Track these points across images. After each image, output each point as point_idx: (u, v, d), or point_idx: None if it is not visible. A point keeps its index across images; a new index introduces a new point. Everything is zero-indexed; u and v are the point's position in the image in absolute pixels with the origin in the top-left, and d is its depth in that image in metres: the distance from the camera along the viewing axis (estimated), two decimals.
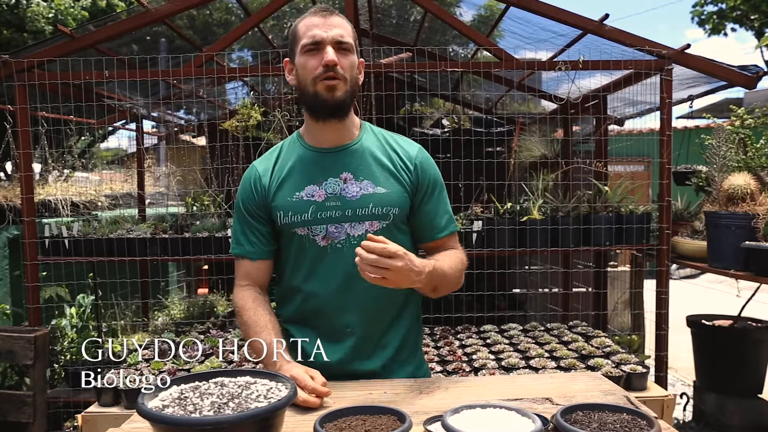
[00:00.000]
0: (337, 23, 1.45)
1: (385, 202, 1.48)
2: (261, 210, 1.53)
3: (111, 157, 8.02)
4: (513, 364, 2.63)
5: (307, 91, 1.45)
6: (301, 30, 1.46)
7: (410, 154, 1.55)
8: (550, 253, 3.13)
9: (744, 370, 3.29)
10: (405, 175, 1.52)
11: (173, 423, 0.96)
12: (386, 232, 1.48)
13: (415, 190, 1.53)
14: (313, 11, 1.47)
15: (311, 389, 1.29)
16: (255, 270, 1.55)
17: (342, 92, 1.44)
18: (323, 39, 1.42)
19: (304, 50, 1.44)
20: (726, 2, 12.92)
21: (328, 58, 1.40)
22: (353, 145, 1.53)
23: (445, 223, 1.57)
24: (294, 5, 5.11)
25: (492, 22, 3.85)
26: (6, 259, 3.61)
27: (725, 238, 2.77)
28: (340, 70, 1.42)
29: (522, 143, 3.68)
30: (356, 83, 1.49)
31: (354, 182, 1.48)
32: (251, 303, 1.52)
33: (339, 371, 1.48)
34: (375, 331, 1.52)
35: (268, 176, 1.53)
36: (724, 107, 7.52)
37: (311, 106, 1.47)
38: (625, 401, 1.28)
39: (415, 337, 1.61)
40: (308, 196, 1.48)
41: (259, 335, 1.46)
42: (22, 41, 6.30)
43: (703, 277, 8.91)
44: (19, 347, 1.84)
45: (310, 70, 1.43)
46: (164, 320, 3.87)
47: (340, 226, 1.47)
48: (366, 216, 1.47)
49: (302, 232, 1.48)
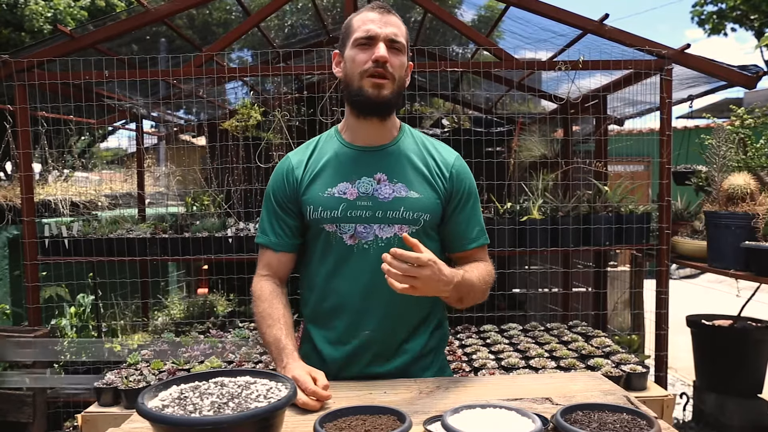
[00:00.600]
0: (393, 22, 1.43)
1: (416, 207, 1.46)
2: (291, 202, 1.52)
3: (111, 157, 8.01)
4: (513, 364, 2.63)
5: (352, 85, 1.44)
6: (355, 23, 1.44)
7: (447, 161, 1.53)
8: (550, 253, 3.13)
9: (744, 370, 3.29)
10: (440, 181, 1.50)
11: (173, 423, 0.96)
12: (415, 237, 1.44)
13: (448, 198, 1.51)
14: (370, 6, 1.45)
15: (311, 392, 1.28)
16: (276, 261, 1.55)
17: (388, 91, 1.42)
18: (377, 35, 1.40)
19: (356, 44, 1.42)
20: (726, 2, 12.93)
21: (379, 54, 1.38)
22: (391, 146, 1.51)
23: (476, 234, 1.55)
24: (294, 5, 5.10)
25: (492, 22, 3.85)
26: (6, 259, 3.61)
27: (725, 237, 2.77)
28: (389, 68, 1.40)
29: (522, 143, 3.68)
30: (403, 84, 1.47)
31: (387, 184, 1.47)
32: (267, 294, 1.51)
33: (353, 373, 1.48)
34: (395, 337, 1.50)
35: (301, 169, 1.52)
36: (724, 107, 7.52)
37: (354, 101, 1.45)
38: (624, 401, 1.28)
39: (437, 344, 1.59)
40: (340, 193, 1.46)
41: (271, 328, 1.45)
42: (21, 41, 6.30)
43: (703, 277, 8.91)
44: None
45: (359, 63, 1.41)
46: (164, 320, 3.87)
47: (369, 226, 1.46)
48: (396, 219, 1.46)
49: (330, 229, 1.47)
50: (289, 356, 1.40)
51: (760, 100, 5.86)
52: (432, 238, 1.52)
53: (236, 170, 3.30)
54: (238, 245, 3.00)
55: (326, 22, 4.34)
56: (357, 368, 1.50)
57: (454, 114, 5.31)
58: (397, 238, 1.45)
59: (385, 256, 1.24)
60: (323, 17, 4.23)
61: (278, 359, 1.41)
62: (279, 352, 1.42)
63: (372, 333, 1.47)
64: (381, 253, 1.36)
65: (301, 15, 5.38)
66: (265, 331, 1.47)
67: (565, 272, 4.20)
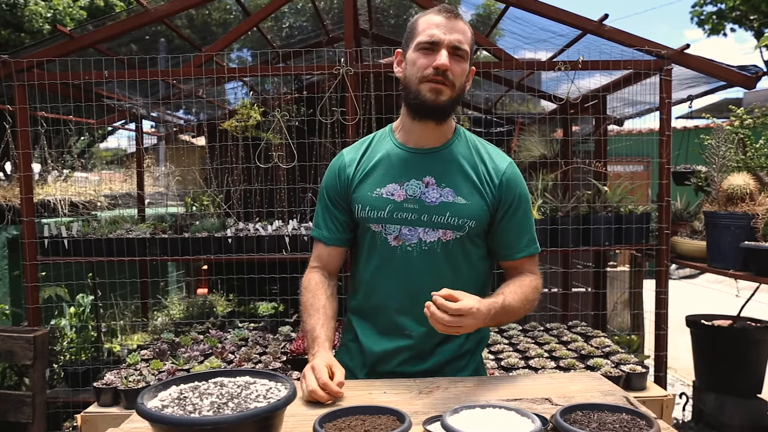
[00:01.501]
0: (459, 28, 1.42)
1: (463, 213, 1.45)
2: (342, 199, 1.54)
3: (110, 157, 8.01)
4: (512, 364, 2.63)
5: (411, 88, 1.44)
6: (420, 26, 1.43)
7: (499, 168, 1.50)
8: (549, 253, 3.13)
9: (743, 370, 3.29)
10: (488, 188, 1.48)
11: (173, 423, 0.96)
12: (459, 243, 1.47)
13: (497, 205, 1.49)
14: (437, 9, 1.44)
15: (323, 383, 1.28)
16: (327, 254, 1.58)
17: (446, 97, 1.41)
18: (441, 41, 1.39)
19: (419, 47, 1.41)
20: (725, 2, 12.93)
21: (440, 62, 1.37)
22: (442, 150, 1.50)
23: (525, 244, 1.52)
24: (293, 5, 5.10)
25: (490, 21, 3.85)
26: (5, 259, 3.60)
27: (724, 238, 2.78)
28: (450, 76, 1.39)
29: (521, 143, 3.68)
30: (463, 90, 1.46)
31: (435, 188, 1.47)
32: (313, 285, 1.55)
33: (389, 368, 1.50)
34: (432, 338, 1.51)
35: (353, 167, 1.53)
36: (723, 107, 7.52)
37: (411, 104, 1.45)
38: (624, 401, 1.28)
39: (474, 347, 1.59)
40: (388, 194, 1.47)
41: (311, 317, 1.50)
42: (20, 41, 6.30)
43: (703, 277, 8.91)
44: (18, 347, 1.84)
45: (419, 68, 1.41)
46: (164, 320, 3.87)
47: (414, 229, 1.46)
48: (441, 224, 1.45)
49: (376, 229, 1.49)
50: (319, 346, 1.43)
51: (760, 100, 5.86)
52: (476, 245, 1.51)
53: (236, 170, 3.30)
54: (238, 245, 3.00)
55: (325, 22, 4.35)
56: (392, 365, 1.52)
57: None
58: (441, 243, 1.46)
59: (430, 306, 1.26)
60: (322, 18, 4.23)
61: (311, 347, 1.46)
62: (312, 341, 1.46)
63: (411, 333, 1.49)
64: (424, 256, 1.41)
65: (299, 16, 5.39)
66: (306, 320, 1.51)
67: (565, 272, 4.20)
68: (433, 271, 1.46)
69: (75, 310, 3.21)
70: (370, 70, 3.00)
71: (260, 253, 2.98)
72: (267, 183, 3.31)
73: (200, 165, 4.93)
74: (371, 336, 1.54)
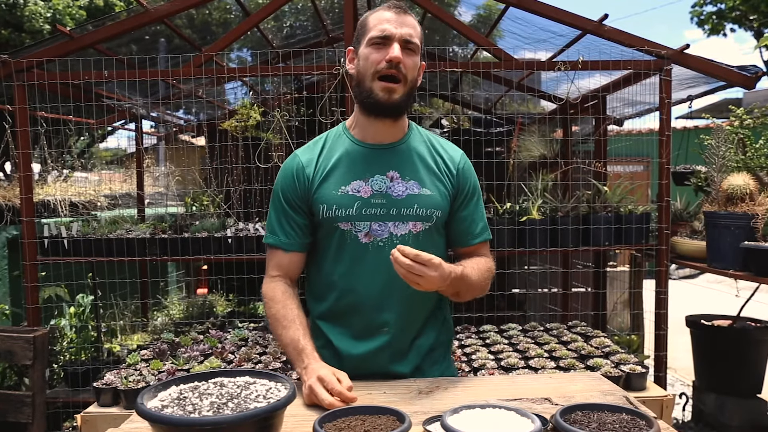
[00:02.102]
0: (408, 22, 1.44)
1: (429, 204, 1.48)
2: (302, 201, 1.51)
3: (110, 157, 8.01)
4: (512, 364, 2.63)
5: (364, 84, 1.45)
6: (371, 22, 1.45)
7: (454, 159, 1.56)
8: (549, 253, 3.13)
9: (743, 370, 3.29)
10: (448, 178, 1.53)
11: (172, 423, 0.96)
12: (428, 234, 1.49)
13: (455, 194, 1.54)
14: (387, 5, 1.46)
15: (337, 393, 1.27)
16: (287, 262, 1.53)
17: (399, 95, 1.43)
18: (392, 35, 1.41)
19: (371, 42, 1.43)
20: (725, 2, 12.94)
21: (393, 54, 1.39)
22: (401, 144, 1.52)
23: (480, 230, 1.57)
24: (293, 5, 5.10)
25: (491, 22, 3.85)
26: (5, 259, 3.60)
27: (724, 238, 2.78)
28: (402, 69, 1.41)
29: (521, 143, 3.67)
30: (415, 85, 1.49)
31: (400, 181, 1.48)
32: (280, 296, 1.49)
33: (369, 370, 1.48)
34: (409, 331, 1.52)
35: (312, 167, 1.51)
36: (723, 107, 7.52)
37: (365, 101, 1.46)
38: (624, 401, 1.28)
39: (446, 339, 1.61)
40: (354, 191, 1.47)
41: (288, 330, 1.44)
42: (20, 41, 6.30)
43: (703, 277, 8.91)
44: (18, 347, 1.84)
45: (372, 63, 1.42)
46: (163, 320, 3.87)
47: (384, 224, 1.46)
48: (410, 216, 1.47)
49: (345, 227, 1.47)
50: (309, 357, 1.39)
51: (760, 100, 5.86)
52: (442, 234, 1.55)
53: (236, 170, 3.30)
54: (238, 245, 3.00)
55: (325, 22, 4.35)
56: (375, 367, 1.50)
57: (453, 114, 5.31)
58: (412, 235, 1.47)
59: (394, 252, 1.27)
60: (322, 18, 4.23)
61: (297, 361, 1.40)
62: (298, 354, 1.41)
63: (389, 330, 1.48)
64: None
65: (299, 16, 5.39)
66: (281, 333, 1.46)
67: (565, 272, 4.20)
68: None
69: (75, 310, 3.21)
70: None
71: (260, 253, 2.98)
72: (267, 183, 3.31)
73: (200, 165, 4.93)
74: (346, 339, 1.50)
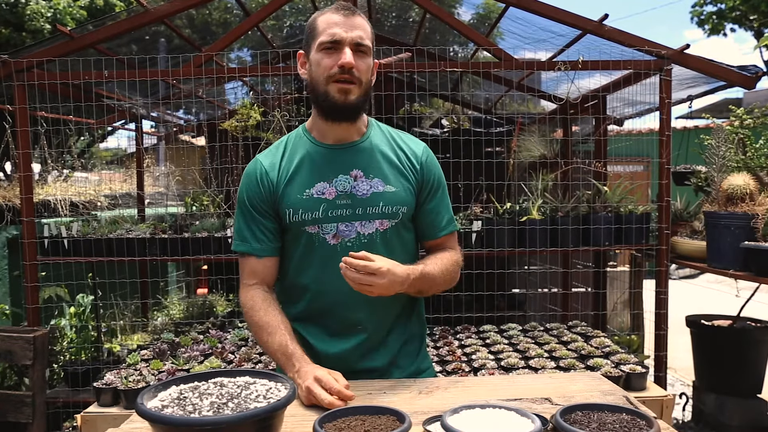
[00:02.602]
0: (358, 24, 1.42)
1: (394, 201, 1.48)
2: (268, 206, 1.50)
3: (110, 157, 8.02)
4: (512, 364, 2.63)
5: (318, 89, 1.43)
6: (320, 26, 1.43)
7: (416, 153, 1.55)
8: (549, 253, 3.13)
9: (743, 370, 3.29)
10: (411, 173, 1.52)
11: (172, 423, 0.96)
12: (395, 230, 1.49)
13: (420, 188, 1.53)
14: (335, 7, 1.44)
15: (336, 392, 1.27)
16: (262, 267, 1.52)
17: (355, 96, 1.42)
18: (343, 39, 1.39)
19: (321, 47, 1.41)
20: (725, 2, 12.94)
21: (345, 60, 1.38)
22: (362, 142, 1.51)
23: (446, 222, 1.58)
24: (294, 5, 5.10)
25: (490, 21, 3.85)
26: (5, 259, 3.60)
27: (724, 238, 2.77)
28: (355, 73, 1.40)
29: (521, 143, 3.67)
30: (369, 86, 1.48)
31: (364, 180, 1.47)
32: (261, 303, 1.48)
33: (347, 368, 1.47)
34: (383, 327, 1.53)
35: (275, 171, 1.50)
36: (723, 107, 7.52)
37: (321, 105, 1.45)
38: (624, 401, 1.28)
39: (419, 331, 1.62)
40: (318, 193, 1.46)
41: (273, 336, 1.43)
42: (21, 41, 6.30)
43: (703, 277, 8.91)
44: (18, 347, 1.84)
45: (324, 68, 1.41)
46: (163, 320, 3.87)
47: (351, 224, 1.46)
48: (376, 214, 1.47)
49: (312, 230, 1.46)
50: (300, 360, 1.38)
51: (760, 100, 5.86)
52: (409, 229, 1.55)
53: (236, 170, 3.30)
54: None
55: None
56: (352, 364, 1.50)
57: (453, 114, 5.30)
58: (379, 233, 1.48)
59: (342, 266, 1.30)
60: None
61: (288, 365, 1.39)
62: (288, 359, 1.40)
63: (364, 327, 1.50)
64: (365, 249, 1.40)
65: (299, 16, 5.39)
66: (267, 340, 1.45)
67: (565, 272, 4.20)
68: None
69: (75, 310, 3.21)
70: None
71: None
72: None
73: (200, 165, 4.92)
74: (323, 339, 1.50)
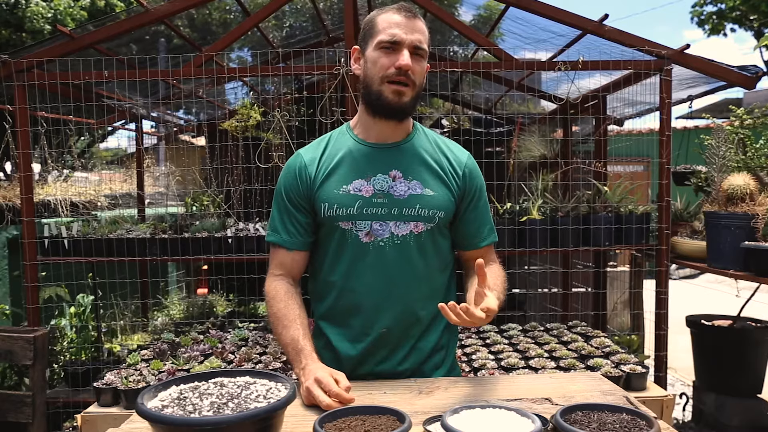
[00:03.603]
0: (418, 27, 1.43)
1: (432, 205, 1.47)
2: (303, 200, 1.50)
3: (110, 157, 8.02)
4: (512, 364, 2.63)
5: (372, 87, 1.44)
6: (380, 24, 1.43)
7: (460, 160, 1.54)
8: (549, 253, 3.13)
9: (743, 370, 3.29)
10: (453, 180, 1.51)
11: (172, 423, 0.96)
12: (430, 234, 1.48)
13: (462, 196, 1.53)
14: (396, 8, 1.44)
15: (335, 394, 1.26)
16: (290, 260, 1.52)
17: (408, 98, 1.43)
18: (403, 41, 1.40)
19: (380, 46, 1.41)
20: (725, 2, 12.94)
21: (403, 62, 1.38)
22: (405, 144, 1.51)
23: (487, 232, 1.57)
24: (294, 5, 5.10)
25: (491, 22, 3.85)
26: (5, 259, 3.60)
27: (724, 238, 2.77)
28: (411, 76, 1.41)
29: (521, 143, 3.67)
30: (422, 88, 1.48)
31: (403, 181, 1.47)
32: (283, 295, 1.48)
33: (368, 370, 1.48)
34: (409, 334, 1.51)
35: (314, 166, 1.50)
36: (723, 107, 7.52)
37: (373, 103, 1.45)
38: (624, 401, 1.28)
39: (447, 342, 1.60)
40: (355, 190, 1.46)
41: (288, 329, 1.44)
42: (21, 41, 6.30)
43: (703, 277, 8.91)
44: (18, 347, 1.84)
45: (381, 67, 1.41)
46: (164, 320, 3.87)
47: (385, 224, 1.45)
48: (412, 216, 1.46)
49: (346, 226, 1.46)
50: (307, 357, 1.38)
51: (760, 100, 5.86)
52: (444, 236, 1.54)
53: (236, 170, 3.30)
54: (238, 245, 3.00)
55: (325, 22, 4.35)
56: (371, 366, 1.49)
57: (453, 114, 5.31)
58: (413, 236, 1.46)
59: (459, 314, 1.24)
60: (322, 18, 4.23)
61: (296, 360, 1.40)
62: (297, 354, 1.40)
63: (388, 330, 1.48)
64: (396, 250, 1.41)
65: (299, 16, 5.39)
66: (281, 332, 1.45)
67: (565, 272, 4.20)
68: (407, 264, 1.47)
69: (75, 310, 3.21)
70: None
71: (260, 253, 2.98)
72: (267, 183, 3.31)
73: (200, 165, 4.93)
74: (345, 340, 1.50)
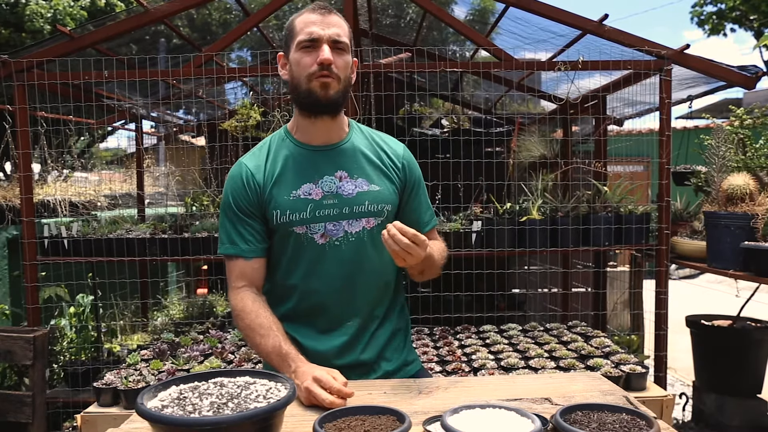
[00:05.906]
0: (334, 22, 1.46)
1: (379, 200, 1.52)
2: (254, 207, 1.51)
3: (110, 157, 8.02)
4: (512, 364, 2.63)
5: (300, 87, 1.46)
6: (298, 26, 1.46)
7: (398, 153, 1.60)
8: (549, 253, 3.13)
9: (743, 370, 3.29)
10: (394, 173, 1.57)
11: (172, 423, 0.96)
12: (381, 228, 1.49)
13: (403, 187, 1.59)
14: (311, 8, 1.47)
15: (336, 390, 1.27)
16: (250, 269, 1.52)
17: (335, 91, 1.45)
18: (320, 37, 1.43)
19: (300, 47, 1.44)
20: (725, 2, 12.94)
21: (323, 57, 1.41)
22: (344, 144, 1.55)
23: (429, 218, 1.65)
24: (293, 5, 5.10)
25: (486, 18, 3.85)
26: (5, 260, 3.60)
27: (724, 238, 2.78)
28: (334, 69, 1.43)
29: (521, 143, 3.67)
30: (349, 83, 1.51)
31: (349, 180, 1.51)
32: (251, 305, 1.48)
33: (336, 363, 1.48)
34: (370, 323, 1.56)
35: (261, 173, 1.51)
36: (723, 107, 7.53)
37: (304, 102, 1.48)
38: (624, 401, 1.28)
39: (404, 325, 1.67)
40: (305, 194, 1.48)
41: (266, 338, 1.44)
42: (21, 41, 6.30)
43: (703, 278, 8.91)
44: (18, 347, 1.84)
45: (304, 67, 1.44)
46: (163, 320, 3.87)
47: (338, 223, 1.49)
48: (362, 213, 1.50)
49: (300, 231, 1.49)
50: (296, 360, 1.39)
51: (760, 100, 5.87)
52: None
53: None
54: None
55: None
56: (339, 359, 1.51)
57: (453, 114, 5.31)
58: (366, 231, 1.51)
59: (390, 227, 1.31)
60: None
61: (284, 366, 1.40)
62: (283, 359, 1.40)
63: (353, 324, 1.53)
64: (352, 247, 1.47)
65: None
66: (260, 342, 1.44)
67: (565, 272, 4.20)
68: (362, 260, 1.51)
69: (75, 310, 3.21)
70: (370, 70, 3.00)
71: None
72: None
73: (200, 165, 4.93)
74: (312, 337, 1.53)
